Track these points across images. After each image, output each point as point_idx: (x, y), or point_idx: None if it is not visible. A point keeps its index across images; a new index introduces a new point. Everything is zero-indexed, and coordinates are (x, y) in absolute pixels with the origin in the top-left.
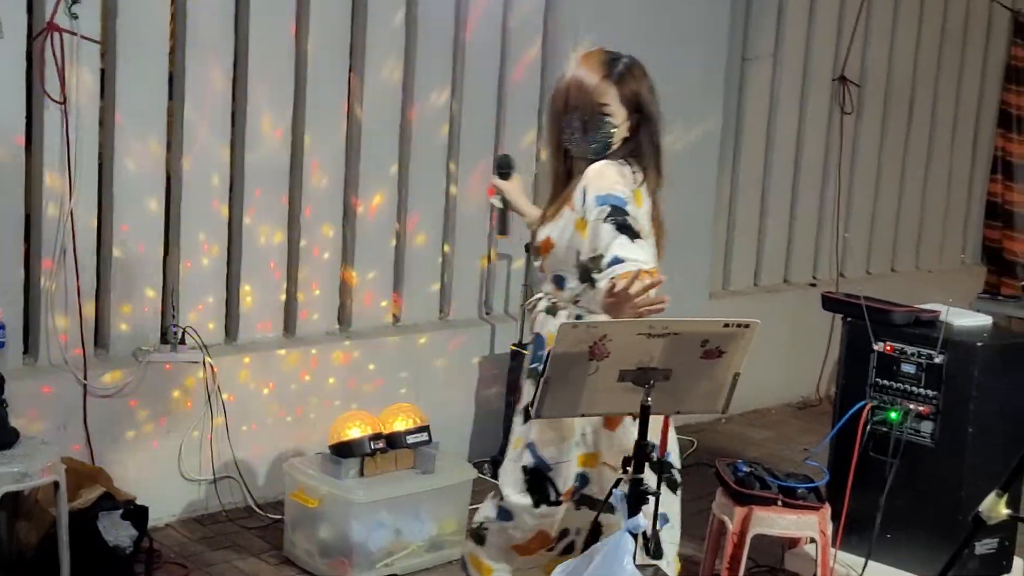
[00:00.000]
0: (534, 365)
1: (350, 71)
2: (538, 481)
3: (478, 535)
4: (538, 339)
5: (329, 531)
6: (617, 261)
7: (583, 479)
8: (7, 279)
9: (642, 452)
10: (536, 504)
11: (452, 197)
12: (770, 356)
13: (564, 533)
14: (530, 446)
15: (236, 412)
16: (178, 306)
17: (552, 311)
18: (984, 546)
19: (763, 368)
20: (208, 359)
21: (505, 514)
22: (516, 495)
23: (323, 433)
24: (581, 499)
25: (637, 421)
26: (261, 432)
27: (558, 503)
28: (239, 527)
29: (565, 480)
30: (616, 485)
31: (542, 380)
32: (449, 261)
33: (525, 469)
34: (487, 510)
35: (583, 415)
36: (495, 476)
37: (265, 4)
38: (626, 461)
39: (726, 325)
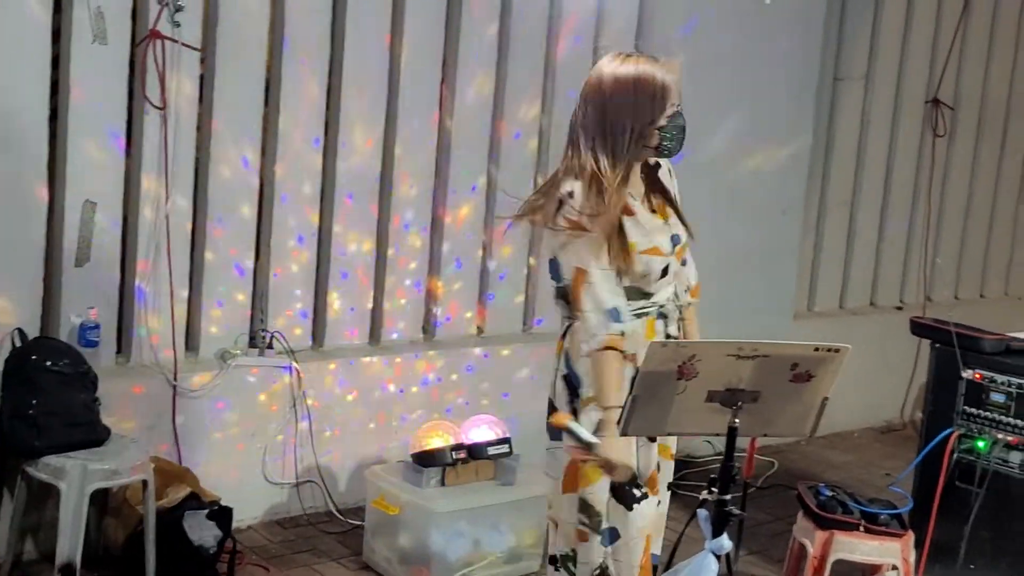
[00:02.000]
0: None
1: (442, 83)
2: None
3: None
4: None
5: (409, 539)
6: None
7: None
8: (104, 280)
9: (728, 473)
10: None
11: None
12: (854, 379)
13: None
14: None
15: (320, 418)
16: (267, 311)
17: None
18: None
19: (846, 391)
20: (295, 364)
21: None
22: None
23: (405, 441)
24: None
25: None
26: (344, 438)
27: (646, 496)
28: (320, 531)
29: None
30: (700, 505)
31: (630, 398)
32: (534, 274)
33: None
34: (593, 553)
35: (670, 434)
36: None
37: (361, 16)
38: (711, 482)
39: (816, 349)
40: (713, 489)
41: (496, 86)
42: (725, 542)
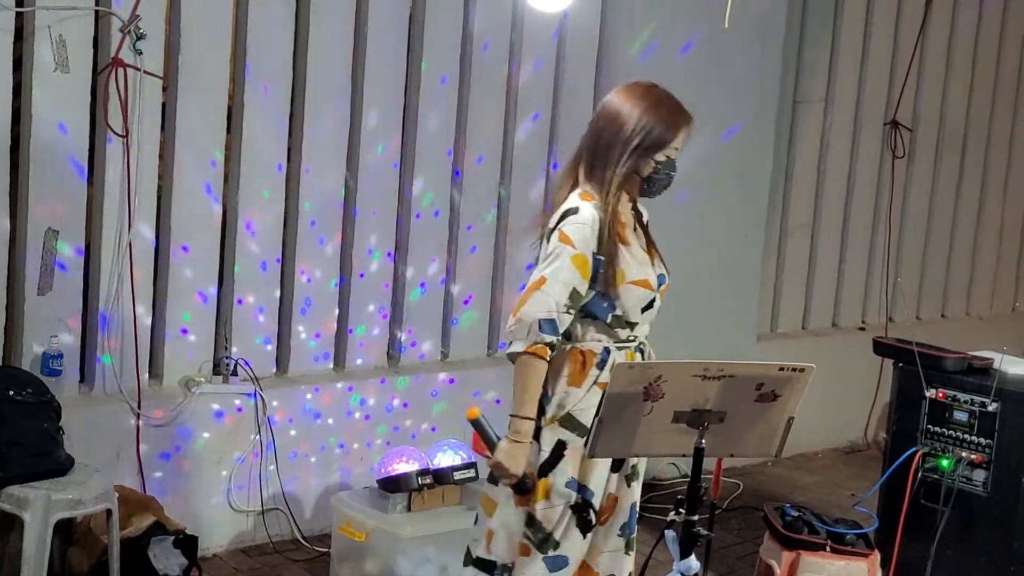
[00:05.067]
0: None
1: (404, 109)
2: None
3: None
4: None
5: (375, 565)
6: None
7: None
8: (66, 309)
9: (695, 493)
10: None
11: (501, 241)
12: (818, 400)
13: None
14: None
15: (285, 445)
16: (231, 338)
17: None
18: None
19: (810, 412)
20: (259, 391)
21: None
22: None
23: (371, 467)
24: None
25: None
26: (309, 465)
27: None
28: (286, 559)
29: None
30: (668, 526)
31: (596, 420)
32: (498, 298)
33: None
34: (531, 571)
35: (637, 455)
36: None
37: (322, 43)
38: (678, 503)
39: (781, 369)
40: (680, 510)
41: (458, 111)
42: (693, 563)
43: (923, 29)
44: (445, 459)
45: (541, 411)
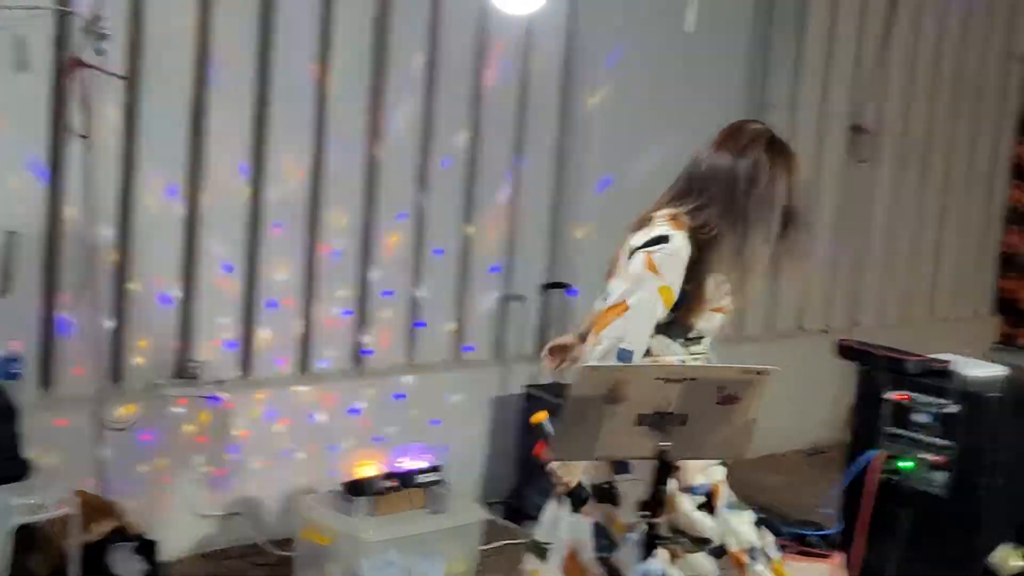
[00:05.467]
0: None
1: (371, 111)
2: None
3: None
4: None
5: (340, 569)
6: None
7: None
8: (26, 311)
9: (658, 496)
10: None
11: (468, 238)
12: (782, 402)
13: None
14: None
15: (249, 448)
16: (194, 341)
17: None
18: None
19: (775, 413)
20: (222, 394)
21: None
22: None
23: (336, 471)
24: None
25: None
26: (274, 469)
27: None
28: (249, 564)
29: None
30: (632, 529)
31: (559, 421)
32: (465, 301)
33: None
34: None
35: (598, 458)
36: (507, 517)
37: (288, 44)
38: (641, 505)
39: (743, 371)
40: (644, 513)
41: (424, 113)
42: (654, 566)
43: (887, 34)
44: (410, 462)
45: None
